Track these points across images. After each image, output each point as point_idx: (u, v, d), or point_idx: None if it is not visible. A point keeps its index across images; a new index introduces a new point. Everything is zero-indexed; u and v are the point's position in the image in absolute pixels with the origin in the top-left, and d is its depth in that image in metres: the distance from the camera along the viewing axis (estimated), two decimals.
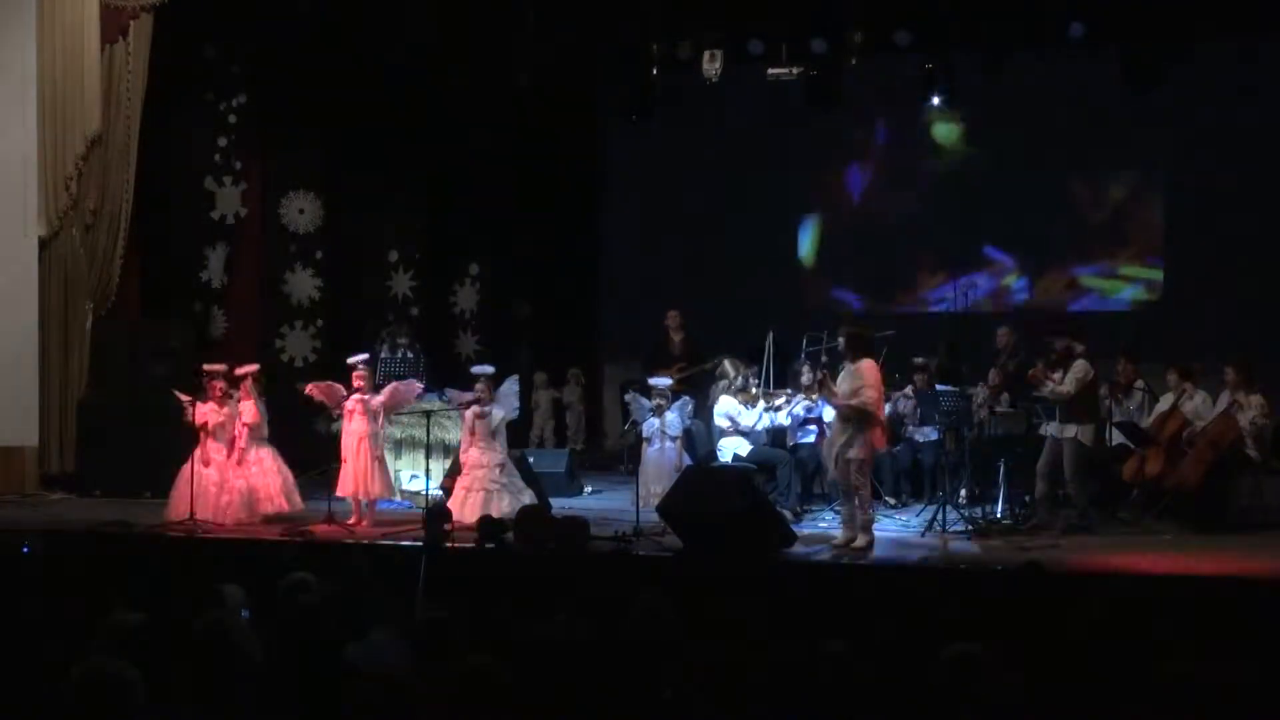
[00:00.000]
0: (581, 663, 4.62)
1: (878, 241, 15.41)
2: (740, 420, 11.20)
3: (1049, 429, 10.22)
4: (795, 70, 13.88)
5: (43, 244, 12.11)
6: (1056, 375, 10.06)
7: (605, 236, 16.59)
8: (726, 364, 11.42)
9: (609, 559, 9.04)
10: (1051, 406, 10.16)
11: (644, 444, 11.46)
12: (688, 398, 11.86)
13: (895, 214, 15.36)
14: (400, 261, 14.88)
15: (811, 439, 11.51)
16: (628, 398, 11.74)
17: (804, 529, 10.10)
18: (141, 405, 11.93)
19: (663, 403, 11.41)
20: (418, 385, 10.96)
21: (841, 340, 9.58)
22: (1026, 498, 10.50)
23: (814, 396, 11.34)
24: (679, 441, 11.41)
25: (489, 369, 10.90)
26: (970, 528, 10.01)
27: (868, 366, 9.48)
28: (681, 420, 11.47)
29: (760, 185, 15.53)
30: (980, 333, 12.66)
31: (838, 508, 9.99)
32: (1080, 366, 10.05)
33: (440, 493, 10.69)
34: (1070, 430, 10.02)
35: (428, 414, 10.97)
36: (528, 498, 10.51)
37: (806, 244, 15.93)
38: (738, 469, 10.69)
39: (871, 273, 15.55)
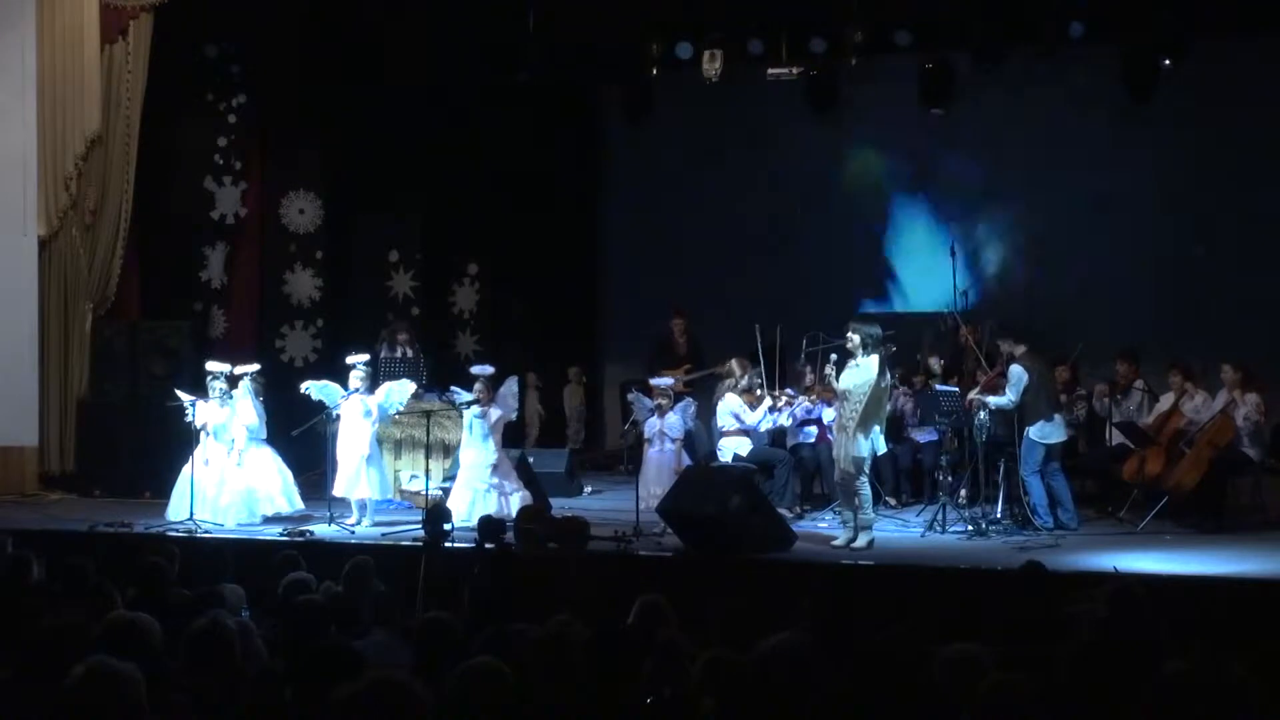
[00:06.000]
0: (581, 663, 4.61)
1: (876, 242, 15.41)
2: (744, 418, 11.20)
3: None
4: (795, 70, 13.87)
5: (43, 244, 12.12)
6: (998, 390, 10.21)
7: (605, 236, 16.58)
8: (733, 363, 11.42)
9: (609, 559, 9.04)
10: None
11: (645, 445, 11.46)
12: (690, 399, 11.86)
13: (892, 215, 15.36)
14: (400, 261, 14.88)
15: (812, 439, 11.52)
16: (630, 397, 11.74)
17: (804, 529, 10.11)
18: (141, 405, 11.95)
19: (664, 403, 11.41)
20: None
21: (855, 337, 9.54)
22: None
23: (813, 398, 11.34)
24: (679, 443, 11.41)
25: (489, 369, 10.91)
26: (970, 528, 10.03)
27: (875, 363, 9.48)
28: (684, 422, 11.47)
29: (760, 185, 15.50)
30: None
31: (838, 508, 9.99)
32: (1014, 373, 10.10)
33: (440, 493, 10.70)
34: (1025, 429, 10.13)
35: (428, 414, 10.97)
36: (518, 499, 10.49)
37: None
38: (738, 469, 10.68)
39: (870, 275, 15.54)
